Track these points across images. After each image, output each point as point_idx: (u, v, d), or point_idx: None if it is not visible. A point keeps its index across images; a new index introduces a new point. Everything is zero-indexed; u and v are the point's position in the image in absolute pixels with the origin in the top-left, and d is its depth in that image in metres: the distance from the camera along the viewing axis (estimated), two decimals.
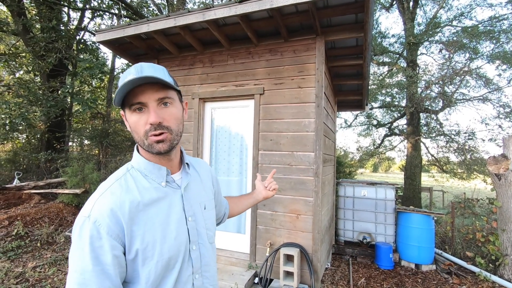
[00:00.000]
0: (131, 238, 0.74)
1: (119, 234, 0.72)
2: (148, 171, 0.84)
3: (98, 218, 0.71)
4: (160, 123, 0.77)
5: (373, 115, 11.85)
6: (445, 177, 10.28)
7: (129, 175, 0.82)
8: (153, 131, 0.77)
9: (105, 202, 0.74)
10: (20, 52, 9.20)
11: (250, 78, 3.66)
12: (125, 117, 0.82)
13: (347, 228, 5.05)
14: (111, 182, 0.79)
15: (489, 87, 8.93)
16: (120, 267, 0.72)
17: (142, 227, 0.76)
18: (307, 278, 3.20)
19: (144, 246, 0.75)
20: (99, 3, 10.27)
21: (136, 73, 0.74)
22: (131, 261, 0.75)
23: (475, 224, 4.83)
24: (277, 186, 1.39)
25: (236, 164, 3.85)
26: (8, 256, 4.04)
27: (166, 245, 0.79)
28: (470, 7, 9.26)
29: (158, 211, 0.80)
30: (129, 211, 0.74)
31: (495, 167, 3.96)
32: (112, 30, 3.62)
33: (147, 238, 0.76)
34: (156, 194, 0.82)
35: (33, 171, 9.03)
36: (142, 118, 0.77)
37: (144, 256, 0.75)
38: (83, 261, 0.68)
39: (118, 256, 0.72)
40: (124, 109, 0.80)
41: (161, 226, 0.79)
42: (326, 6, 3.00)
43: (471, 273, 4.06)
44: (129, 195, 0.77)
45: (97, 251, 0.69)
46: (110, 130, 9.55)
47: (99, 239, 0.70)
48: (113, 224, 0.72)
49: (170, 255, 0.79)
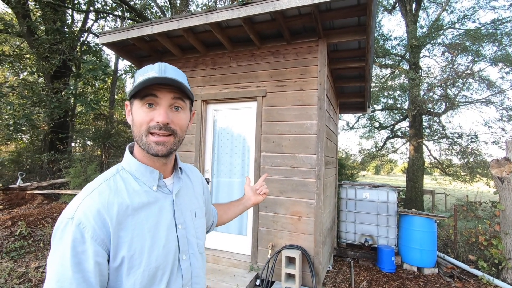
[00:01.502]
0: (118, 244, 0.69)
1: (104, 239, 0.67)
2: (140, 173, 0.80)
3: (83, 220, 0.66)
4: (167, 124, 0.77)
5: (375, 118, 11.83)
6: (448, 180, 10.22)
7: (119, 176, 0.78)
8: (157, 130, 0.75)
9: (92, 203, 0.69)
10: (24, 53, 9.27)
11: (252, 80, 3.68)
12: (130, 109, 0.81)
13: (349, 230, 5.04)
14: (99, 183, 0.75)
15: (492, 90, 8.90)
16: (102, 275, 0.67)
17: (130, 232, 0.71)
18: (308, 280, 3.20)
19: (132, 253, 0.70)
20: (102, 5, 10.34)
21: (159, 71, 0.75)
22: (115, 270, 0.70)
23: (478, 227, 4.80)
24: (267, 190, 1.31)
25: (238, 165, 3.86)
26: (11, 256, 4.06)
27: (154, 253, 0.74)
28: (473, 9, 9.25)
29: (148, 216, 0.76)
30: (117, 214, 0.70)
31: (498, 170, 3.94)
32: (116, 32, 3.65)
33: (134, 245, 0.71)
34: (147, 198, 0.78)
35: (36, 171, 9.08)
36: (150, 114, 0.76)
37: (130, 265, 0.70)
38: (63, 267, 0.63)
39: (101, 263, 0.67)
40: (133, 100, 0.79)
41: (150, 233, 0.75)
42: (328, 9, 3.01)
43: (473, 277, 4.04)
44: (118, 197, 0.73)
45: (79, 256, 0.64)
46: (113, 131, 9.60)
47: (83, 243, 0.65)
48: (98, 227, 0.67)
49: (157, 265, 0.74)
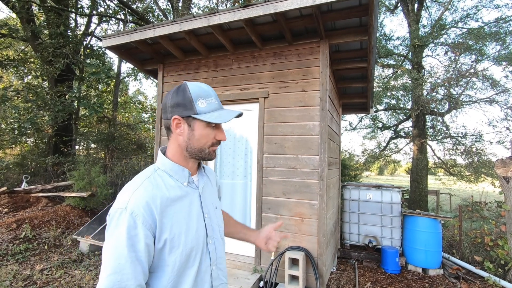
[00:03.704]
0: (161, 229, 0.84)
1: (151, 225, 0.82)
2: (173, 171, 0.96)
3: (135, 210, 0.80)
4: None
5: (378, 118, 11.78)
6: (452, 180, 10.15)
7: (156, 174, 0.94)
8: (218, 145, 0.99)
9: (141, 195, 0.84)
10: (28, 57, 9.36)
11: (254, 81, 3.68)
12: (185, 123, 0.94)
13: (353, 231, 5.02)
14: (142, 180, 0.90)
15: (496, 89, 8.83)
16: (149, 255, 0.82)
17: (170, 219, 0.87)
18: (312, 282, 3.19)
19: (172, 236, 0.86)
20: (105, 9, 10.43)
21: (217, 100, 0.96)
22: (159, 250, 0.85)
23: (483, 228, 4.76)
24: (274, 248, 1.22)
25: (241, 167, 3.86)
26: (16, 258, 4.09)
27: (189, 236, 0.90)
28: (476, 8, 9.20)
29: (182, 206, 0.92)
30: (160, 204, 0.85)
31: (503, 170, 3.90)
32: (118, 35, 3.68)
33: (174, 229, 0.87)
34: (180, 192, 0.94)
35: (40, 174, 9.14)
36: (212, 133, 0.96)
37: (171, 245, 0.86)
38: (119, 248, 0.77)
39: (149, 244, 0.81)
40: (195, 120, 0.93)
41: (185, 220, 0.91)
42: (330, 10, 3.01)
43: (479, 278, 4.00)
44: (159, 191, 0.88)
45: (132, 239, 0.78)
46: (116, 133, 9.65)
47: (135, 228, 0.79)
48: (147, 215, 0.82)
49: (192, 246, 0.91)
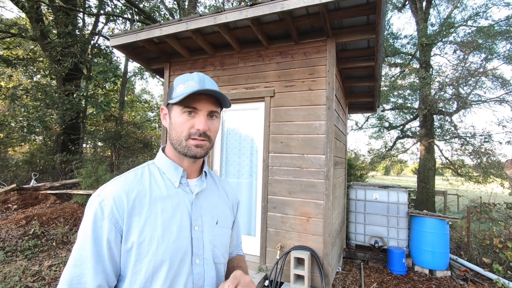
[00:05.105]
0: (129, 228, 0.74)
1: (118, 220, 0.73)
2: (166, 168, 0.87)
3: (105, 198, 0.74)
4: (205, 131, 0.83)
5: (385, 117, 11.66)
6: (460, 181, 10.00)
7: (147, 168, 0.87)
8: (197, 136, 0.82)
9: (116, 185, 0.78)
10: (37, 57, 9.51)
11: (260, 80, 3.67)
12: (168, 113, 0.88)
13: (359, 231, 4.98)
14: (129, 171, 0.86)
15: (506, 88, 8.67)
16: (112, 254, 0.72)
17: (143, 220, 0.75)
18: (317, 282, 3.17)
19: (141, 240, 0.74)
20: (112, 9, 10.53)
21: (199, 82, 0.82)
22: (125, 253, 0.74)
23: (492, 229, 4.68)
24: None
25: (246, 166, 3.86)
26: (25, 254, 4.16)
27: (163, 245, 0.75)
28: (486, 6, 9.04)
29: (164, 209, 0.80)
30: (134, 199, 0.76)
31: None
32: (125, 34, 3.71)
33: (145, 233, 0.75)
34: (166, 192, 0.83)
35: (49, 172, 9.30)
36: (190, 121, 0.83)
37: (138, 251, 0.73)
38: (84, 239, 0.72)
39: (111, 241, 0.72)
40: (172, 106, 0.85)
41: (163, 225, 0.77)
42: (337, 8, 2.98)
43: (488, 280, 3.93)
44: (140, 185, 0.80)
45: (98, 231, 0.72)
46: (123, 132, 9.76)
47: (102, 220, 0.72)
48: (116, 207, 0.74)
49: (163, 258, 0.75)
